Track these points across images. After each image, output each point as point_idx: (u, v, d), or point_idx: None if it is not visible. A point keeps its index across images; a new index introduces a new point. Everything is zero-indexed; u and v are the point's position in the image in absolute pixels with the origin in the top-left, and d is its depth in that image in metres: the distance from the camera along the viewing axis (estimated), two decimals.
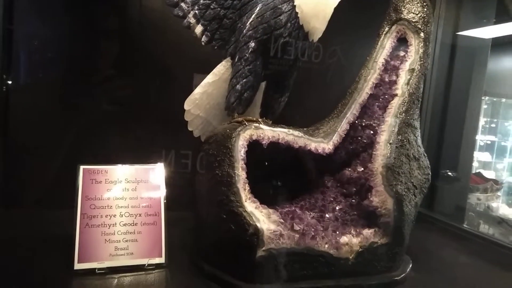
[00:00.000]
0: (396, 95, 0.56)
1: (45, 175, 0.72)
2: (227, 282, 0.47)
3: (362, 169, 0.55)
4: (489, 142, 1.90)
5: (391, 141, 0.52)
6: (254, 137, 0.50)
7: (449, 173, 0.91)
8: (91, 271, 0.48)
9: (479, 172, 1.49)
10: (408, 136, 0.52)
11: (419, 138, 0.55)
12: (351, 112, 0.56)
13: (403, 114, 0.54)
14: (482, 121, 1.85)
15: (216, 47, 0.56)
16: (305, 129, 0.54)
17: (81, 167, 0.53)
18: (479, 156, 1.85)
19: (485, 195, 1.22)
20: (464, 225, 0.80)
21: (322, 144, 0.53)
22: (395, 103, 0.55)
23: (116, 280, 0.48)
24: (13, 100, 0.70)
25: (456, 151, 0.92)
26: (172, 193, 0.55)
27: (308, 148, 0.52)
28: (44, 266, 0.50)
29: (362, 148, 0.56)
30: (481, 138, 1.86)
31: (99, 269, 0.49)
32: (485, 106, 1.80)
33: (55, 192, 0.70)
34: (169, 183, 0.56)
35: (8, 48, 0.69)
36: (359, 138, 0.56)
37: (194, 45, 0.57)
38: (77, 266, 0.48)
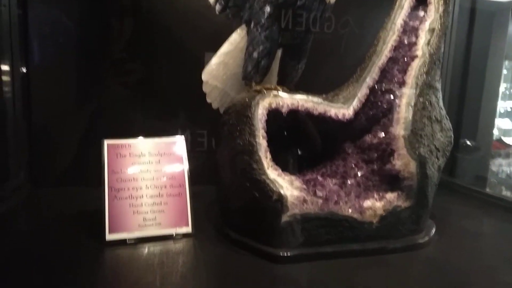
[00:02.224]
0: (416, 56, 0.54)
1: (72, 153, 0.74)
2: (254, 248, 0.48)
3: (383, 134, 0.54)
4: (509, 109, 1.85)
5: (412, 104, 0.51)
6: (273, 105, 0.50)
7: (468, 142, 0.89)
8: (122, 242, 0.50)
9: (500, 139, 1.45)
10: (430, 98, 0.52)
11: (440, 100, 0.54)
12: (371, 76, 0.55)
13: (424, 75, 0.53)
14: (502, 87, 1.79)
15: (230, 16, 0.55)
16: (324, 95, 0.54)
17: (106, 141, 0.54)
18: (499, 123, 1.80)
19: (508, 161, 1.20)
20: (487, 190, 0.80)
21: (342, 109, 0.52)
22: (416, 65, 0.54)
23: (146, 249, 0.50)
24: (34, 81, 0.71)
25: (476, 117, 0.90)
26: (192, 169, 0.56)
27: (328, 114, 0.51)
28: (77, 239, 0.52)
29: (382, 113, 0.55)
30: (501, 105, 1.81)
31: (130, 239, 0.51)
32: (505, 72, 1.74)
33: (83, 170, 0.73)
34: (188, 159, 0.57)
35: (24, 31, 0.70)
36: (379, 103, 0.55)
37: (208, 19, 0.56)
38: (108, 237, 0.50)
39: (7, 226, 0.57)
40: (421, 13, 0.56)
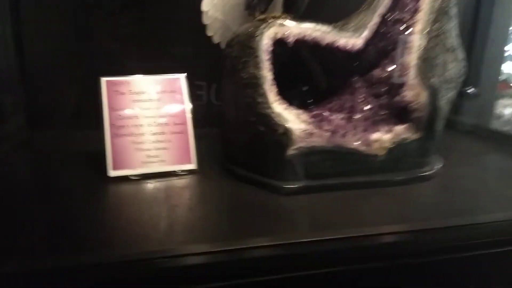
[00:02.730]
0: None
1: (70, 95, 0.72)
2: (259, 182, 0.47)
3: (393, 66, 0.52)
4: None
5: (426, 31, 0.48)
6: (279, 35, 0.47)
7: (471, 90, 0.86)
8: (126, 178, 0.50)
9: (505, 79, 1.42)
10: (444, 25, 0.49)
11: (455, 28, 0.51)
12: (382, 4, 0.51)
13: (439, 1, 0.49)
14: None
15: None
16: (333, 24, 0.51)
17: (103, 79, 0.52)
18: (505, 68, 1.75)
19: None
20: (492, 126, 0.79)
21: (352, 39, 0.50)
22: None
23: (151, 185, 0.49)
24: (27, 17, 0.67)
25: (480, 60, 0.86)
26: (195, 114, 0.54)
27: (337, 44, 0.49)
28: (80, 176, 0.52)
29: (392, 45, 0.53)
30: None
31: (133, 175, 0.50)
32: None
33: (82, 111, 0.71)
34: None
35: None
36: (390, 34, 0.53)
37: None
38: (112, 173, 0.50)
39: (6, 168, 0.57)
40: None
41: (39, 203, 0.45)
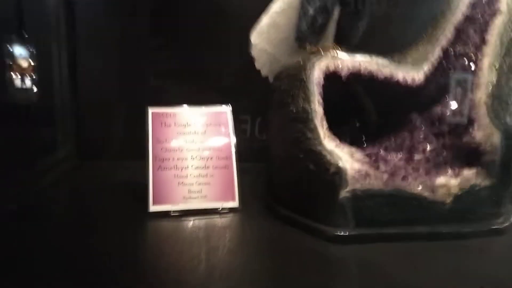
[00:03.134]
0: (498, 12, 0.46)
1: (118, 127, 0.73)
2: (307, 226, 0.43)
3: (457, 105, 0.47)
4: None
5: (497, 66, 0.43)
6: (331, 68, 0.44)
7: None
8: (166, 214, 0.48)
9: None
10: None
11: None
12: (444, 36, 0.48)
13: (511, 33, 0.45)
14: None
15: None
16: (389, 57, 0.47)
17: (150, 110, 0.52)
18: None
19: None
20: None
21: (411, 73, 0.46)
22: (499, 22, 0.46)
23: (191, 222, 0.47)
24: (81, 53, 0.70)
25: None
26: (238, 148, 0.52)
27: (395, 78, 0.45)
28: (122, 210, 0.50)
29: (456, 81, 0.48)
30: None
31: (174, 211, 0.48)
32: None
33: (128, 142, 0.72)
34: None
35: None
36: (453, 68, 0.48)
37: None
38: (152, 208, 0.48)
39: (53, 196, 0.57)
40: None
41: (77, 237, 0.43)
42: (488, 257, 0.40)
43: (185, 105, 0.53)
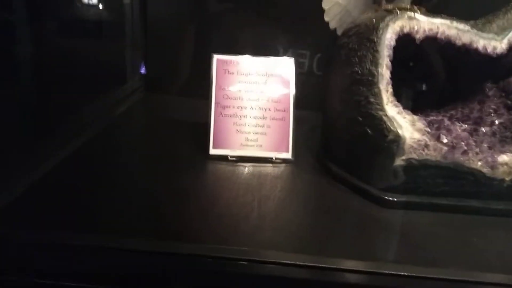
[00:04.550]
0: None
1: (183, 64, 0.76)
2: (358, 187, 0.45)
3: None
4: None
5: None
6: (406, 30, 0.42)
7: None
8: (224, 158, 0.51)
9: None
10: None
11: None
12: None
13: None
14: None
15: None
16: (472, 21, 0.44)
17: (215, 56, 0.53)
18: None
19: None
20: None
21: (494, 41, 0.42)
22: None
23: (246, 168, 0.50)
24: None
25: None
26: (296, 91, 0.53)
27: (475, 46, 0.42)
28: (182, 150, 0.54)
29: None
30: None
31: (231, 156, 0.51)
32: None
33: (192, 81, 0.75)
34: None
35: None
36: None
37: None
38: (212, 151, 0.51)
39: (122, 128, 0.62)
40: None
41: (139, 172, 0.48)
42: None
43: (247, 55, 0.53)
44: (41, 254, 0.33)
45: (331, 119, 0.51)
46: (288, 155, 0.52)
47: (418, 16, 0.42)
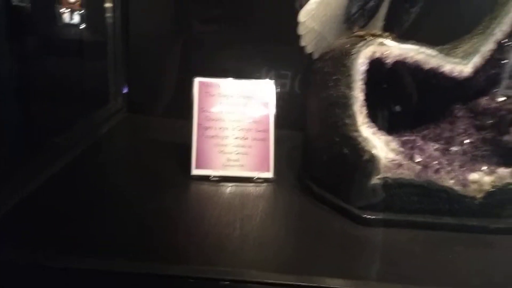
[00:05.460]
0: None
1: (165, 85, 0.77)
2: (337, 205, 0.46)
3: (504, 98, 0.46)
4: None
5: None
6: (377, 55, 0.44)
7: None
8: (206, 178, 0.52)
9: None
10: None
11: None
12: (500, 29, 0.46)
13: None
14: None
15: None
16: (440, 47, 0.46)
17: (197, 79, 0.54)
18: None
19: None
20: None
21: (460, 66, 0.45)
22: None
23: (228, 188, 0.51)
24: (133, 11, 0.73)
25: None
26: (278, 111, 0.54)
27: (442, 70, 0.44)
28: (164, 170, 0.55)
29: (505, 72, 0.47)
30: None
31: (214, 176, 0.52)
32: None
33: (174, 102, 0.76)
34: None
35: None
36: (505, 60, 0.47)
37: None
38: (194, 172, 0.52)
39: (103, 148, 0.63)
40: None
41: (122, 193, 0.48)
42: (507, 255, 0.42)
43: (229, 78, 0.55)
44: (17, 273, 0.32)
45: (311, 139, 0.53)
46: (269, 174, 0.53)
47: (388, 42, 0.44)
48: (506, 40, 0.46)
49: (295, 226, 0.44)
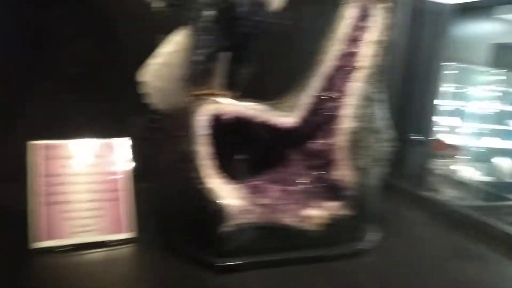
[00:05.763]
0: (359, 67, 0.54)
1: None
2: (194, 256, 0.47)
3: (326, 141, 0.55)
4: (459, 107, 1.96)
5: (353, 115, 0.51)
6: (213, 112, 0.49)
7: (413, 137, 0.92)
8: (51, 250, 0.47)
9: (438, 139, 1.52)
10: (371, 110, 0.52)
11: (382, 111, 0.54)
12: (315, 85, 0.55)
13: (366, 87, 0.53)
14: (452, 87, 1.89)
15: (171, 13, 0.53)
16: (272, 102, 0.53)
17: (30, 143, 0.50)
18: (446, 121, 1.90)
19: (446, 161, 1.27)
20: (428, 193, 0.82)
21: (285, 118, 0.52)
22: (358, 76, 0.53)
23: (79, 257, 0.47)
24: None
25: (418, 116, 0.94)
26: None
27: (271, 122, 0.51)
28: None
29: (325, 120, 0.55)
30: (450, 104, 1.91)
31: (59, 246, 0.48)
32: (456, 72, 1.82)
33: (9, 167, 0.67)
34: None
35: None
36: (323, 110, 0.55)
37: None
38: (34, 244, 0.47)
39: None
40: (365, 24, 0.54)
41: None
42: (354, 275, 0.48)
43: (72, 139, 0.52)
44: None
45: (166, 192, 0.53)
46: (126, 235, 0.51)
47: (223, 100, 0.49)
48: (322, 93, 0.55)
49: (157, 285, 0.44)
